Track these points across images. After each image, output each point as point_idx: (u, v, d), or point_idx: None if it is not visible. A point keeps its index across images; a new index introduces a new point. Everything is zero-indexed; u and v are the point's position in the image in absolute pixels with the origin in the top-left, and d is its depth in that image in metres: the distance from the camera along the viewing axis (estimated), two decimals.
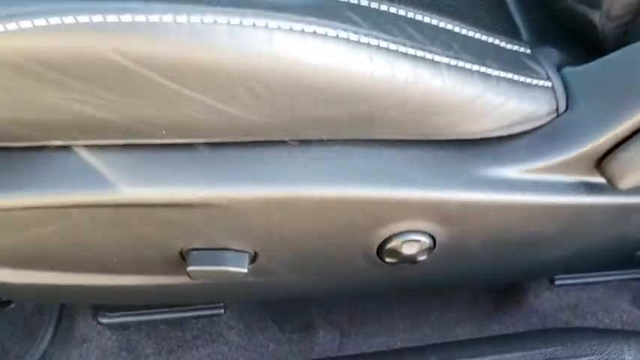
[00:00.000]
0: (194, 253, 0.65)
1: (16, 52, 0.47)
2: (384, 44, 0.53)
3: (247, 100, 0.52)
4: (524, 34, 0.74)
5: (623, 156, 0.63)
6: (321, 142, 0.61)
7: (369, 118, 0.58)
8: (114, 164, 0.57)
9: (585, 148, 0.63)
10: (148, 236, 0.64)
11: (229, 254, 0.65)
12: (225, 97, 0.52)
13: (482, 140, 0.63)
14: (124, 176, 0.57)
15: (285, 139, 0.60)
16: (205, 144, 0.58)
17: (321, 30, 0.50)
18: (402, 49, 0.54)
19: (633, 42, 0.64)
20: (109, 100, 0.51)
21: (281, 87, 0.52)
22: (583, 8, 0.69)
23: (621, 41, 0.68)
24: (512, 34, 0.74)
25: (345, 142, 0.61)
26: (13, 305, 0.96)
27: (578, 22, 0.71)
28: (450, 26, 0.60)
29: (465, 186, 0.63)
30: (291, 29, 0.49)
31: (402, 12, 0.57)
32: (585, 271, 0.97)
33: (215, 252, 0.65)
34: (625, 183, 0.64)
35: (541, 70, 0.65)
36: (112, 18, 0.45)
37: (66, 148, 0.57)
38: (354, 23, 0.52)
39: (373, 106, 0.56)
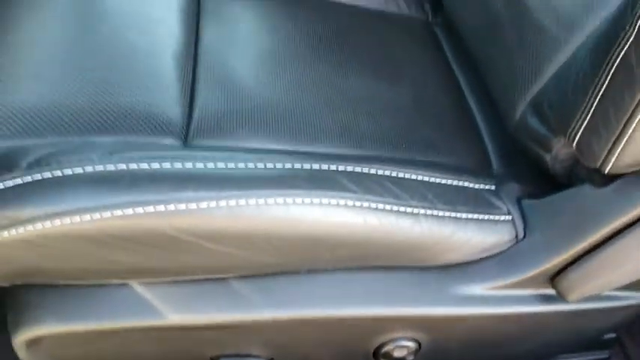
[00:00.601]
0: None
1: (95, 230, 0.60)
2: (373, 205, 0.67)
3: (268, 251, 0.67)
4: (495, 164, 0.86)
5: (570, 276, 0.76)
6: (326, 271, 0.75)
7: (363, 255, 0.72)
8: (163, 297, 0.71)
9: (539, 270, 0.76)
10: (186, 348, 0.78)
11: None
12: (251, 250, 0.66)
13: (456, 265, 0.77)
14: (171, 306, 0.71)
15: (297, 270, 0.74)
16: (235, 277, 0.73)
17: (324, 200, 0.65)
18: (387, 207, 0.68)
19: (577, 181, 0.77)
20: (162, 256, 0.65)
21: (294, 241, 0.66)
22: (540, 150, 0.80)
23: (569, 179, 0.80)
24: (484, 164, 0.86)
25: (346, 270, 0.75)
26: None
27: (536, 161, 0.84)
28: (426, 178, 0.74)
29: (445, 302, 0.77)
30: (302, 202, 0.64)
31: (387, 172, 0.71)
32: (556, 355, 1.10)
33: (240, 359, 0.79)
34: (572, 297, 0.77)
35: (503, 206, 0.77)
36: (171, 207, 0.60)
37: (124, 284, 0.71)
38: (349, 190, 0.66)
39: (366, 248, 0.70)
